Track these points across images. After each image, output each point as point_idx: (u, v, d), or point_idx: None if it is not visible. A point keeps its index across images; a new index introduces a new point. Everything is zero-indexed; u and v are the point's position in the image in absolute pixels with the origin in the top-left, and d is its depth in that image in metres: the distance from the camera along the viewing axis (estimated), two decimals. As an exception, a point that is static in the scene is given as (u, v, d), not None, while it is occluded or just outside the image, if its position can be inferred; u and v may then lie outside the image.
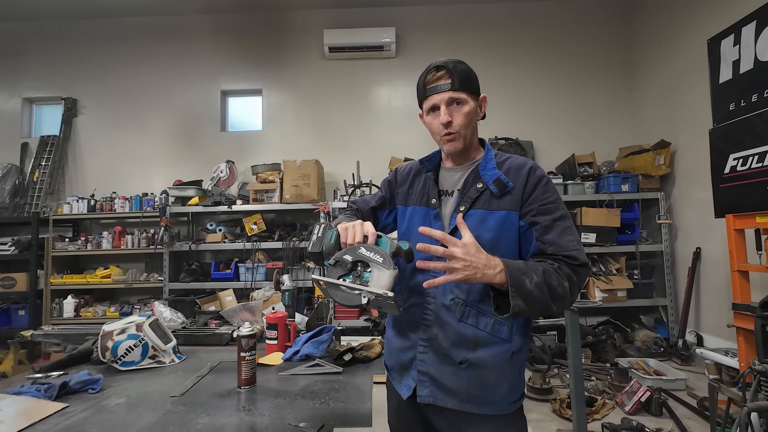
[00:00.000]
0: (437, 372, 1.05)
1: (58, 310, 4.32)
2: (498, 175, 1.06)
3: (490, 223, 1.03)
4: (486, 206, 1.05)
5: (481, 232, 1.02)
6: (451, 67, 1.05)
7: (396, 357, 1.14)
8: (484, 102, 1.12)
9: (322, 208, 4.08)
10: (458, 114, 1.05)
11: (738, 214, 2.68)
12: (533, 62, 4.81)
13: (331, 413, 1.14)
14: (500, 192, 1.04)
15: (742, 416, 1.51)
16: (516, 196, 1.04)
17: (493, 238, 1.02)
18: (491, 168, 1.08)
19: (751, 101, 2.84)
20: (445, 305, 1.05)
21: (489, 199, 1.05)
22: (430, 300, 1.08)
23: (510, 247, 1.04)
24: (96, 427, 1.08)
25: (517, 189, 1.04)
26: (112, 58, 5.00)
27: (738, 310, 2.58)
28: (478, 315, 1.04)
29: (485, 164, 1.09)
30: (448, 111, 1.04)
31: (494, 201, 1.04)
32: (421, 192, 1.17)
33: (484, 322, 1.03)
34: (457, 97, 1.04)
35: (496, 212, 1.04)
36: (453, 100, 1.04)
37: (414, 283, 1.12)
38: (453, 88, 1.03)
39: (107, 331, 1.54)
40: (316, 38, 4.84)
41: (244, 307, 2.10)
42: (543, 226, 1.00)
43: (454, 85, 1.04)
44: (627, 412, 2.65)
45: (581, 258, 0.98)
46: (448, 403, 1.04)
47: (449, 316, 1.05)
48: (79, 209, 4.48)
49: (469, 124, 1.07)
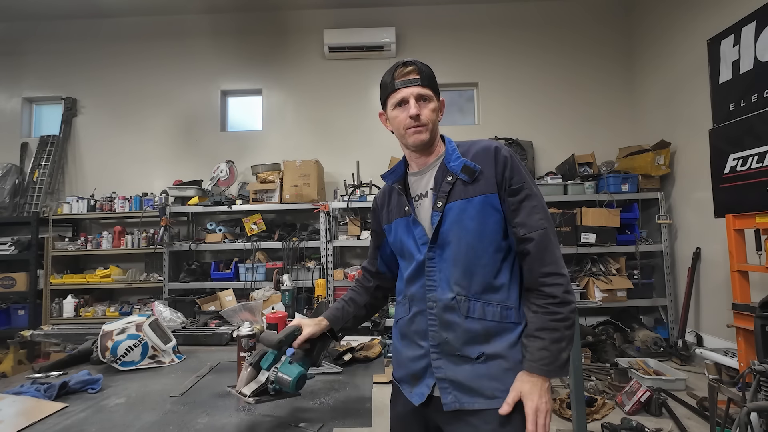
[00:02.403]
0: (455, 374, 1.02)
1: (58, 310, 4.31)
2: (464, 162, 1.07)
3: (470, 211, 1.03)
4: (462, 195, 1.05)
5: (465, 222, 1.02)
6: (419, 65, 1.09)
7: (406, 368, 1.12)
8: (442, 106, 1.16)
9: (322, 208, 4.08)
10: (426, 109, 1.08)
11: (738, 215, 2.68)
12: (533, 62, 4.81)
13: (331, 413, 1.14)
14: (471, 178, 1.05)
15: (742, 416, 1.51)
16: (489, 178, 1.04)
17: (479, 225, 1.02)
18: (456, 158, 1.08)
19: (751, 101, 2.84)
20: (448, 306, 1.03)
21: (463, 188, 1.05)
22: (432, 305, 1.05)
23: (496, 230, 1.04)
24: (95, 426, 1.08)
25: (487, 171, 1.05)
26: (112, 58, 5.00)
27: (738, 310, 2.58)
28: (483, 306, 1.02)
29: (449, 156, 1.10)
30: (417, 105, 1.06)
31: (469, 188, 1.05)
32: (397, 205, 1.17)
33: (492, 312, 1.02)
34: (425, 93, 1.07)
35: (473, 199, 1.04)
36: (421, 96, 1.07)
37: (412, 292, 1.11)
38: (422, 83, 1.07)
39: (107, 331, 1.54)
40: (316, 38, 4.84)
41: (243, 307, 2.10)
42: (511, 210, 1.03)
43: (423, 81, 1.07)
44: (627, 412, 2.65)
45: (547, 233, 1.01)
46: (475, 404, 1.00)
47: (455, 316, 1.03)
48: (78, 209, 4.48)
49: (434, 120, 1.10)
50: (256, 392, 0.94)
